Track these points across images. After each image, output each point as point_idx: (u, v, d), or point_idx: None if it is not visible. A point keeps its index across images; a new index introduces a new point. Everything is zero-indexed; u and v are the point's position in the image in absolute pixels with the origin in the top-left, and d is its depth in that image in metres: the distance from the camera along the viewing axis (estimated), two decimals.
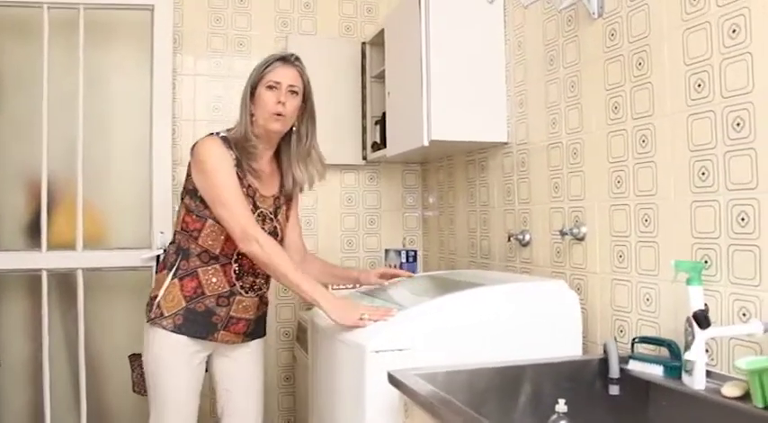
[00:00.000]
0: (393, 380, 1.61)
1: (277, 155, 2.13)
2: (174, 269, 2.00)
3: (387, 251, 3.26)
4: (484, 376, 1.67)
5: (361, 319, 1.77)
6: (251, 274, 2.04)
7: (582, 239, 2.06)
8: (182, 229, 2.04)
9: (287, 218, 2.18)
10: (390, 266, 3.17)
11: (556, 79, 2.20)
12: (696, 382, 1.49)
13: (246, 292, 2.05)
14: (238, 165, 1.98)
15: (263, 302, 2.15)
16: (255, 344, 2.18)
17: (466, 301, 1.86)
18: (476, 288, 1.93)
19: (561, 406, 1.48)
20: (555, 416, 1.50)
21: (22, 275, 2.96)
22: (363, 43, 3.26)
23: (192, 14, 3.18)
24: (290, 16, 3.32)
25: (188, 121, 3.13)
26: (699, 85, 1.60)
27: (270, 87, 1.99)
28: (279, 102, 1.97)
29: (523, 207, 2.42)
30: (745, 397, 1.37)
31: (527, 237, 2.37)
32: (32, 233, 2.96)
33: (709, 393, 1.45)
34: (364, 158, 3.27)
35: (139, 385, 2.71)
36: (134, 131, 3.05)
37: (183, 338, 1.98)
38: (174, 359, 1.99)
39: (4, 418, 2.95)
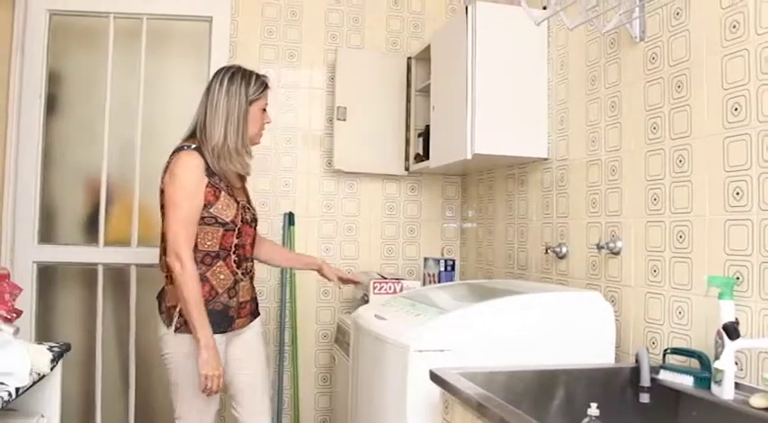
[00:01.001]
0: (435, 378, 1.71)
1: None
2: None
3: (426, 259, 3.36)
4: (521, 378, 1.76)
5: (206, 377, 2.04)
6: (245, 259, 2.26)
7: (618, 253, 2.14)
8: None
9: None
10: (429, 275, 3.27)
11: (597, 99, 2.28)
12: (725, 392, 1.56)
13: (244, 277, 2.25)
14: (210, 172, 2.15)
15: (252, 282, 2.35)
16: (257, 325, 2.39)
17: (505, 307, 1.96)
18: (514, 295, 2.02)
19: (593, 410, 1.57)
20: (587, 419, 1.59)
21: (80, 268, 3.13)
22: (409, 58, 3.38)
23: (247, 26, 3.34)
24: (339, 30, 3.45)
25: None
26: (735, 109, 1.68)
27: (264, 110, 2.31)
28: (267, 122, 2.34)
29: (561, 221, 2.51)
30: None
31: (564, 249, 2.45)
32: (90, 229, 3.13)
33: (737, 404, 1.52)
34: (406, 169, 3.38)
35: None
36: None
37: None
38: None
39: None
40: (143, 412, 3.11)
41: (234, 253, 2.21)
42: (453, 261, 3.20)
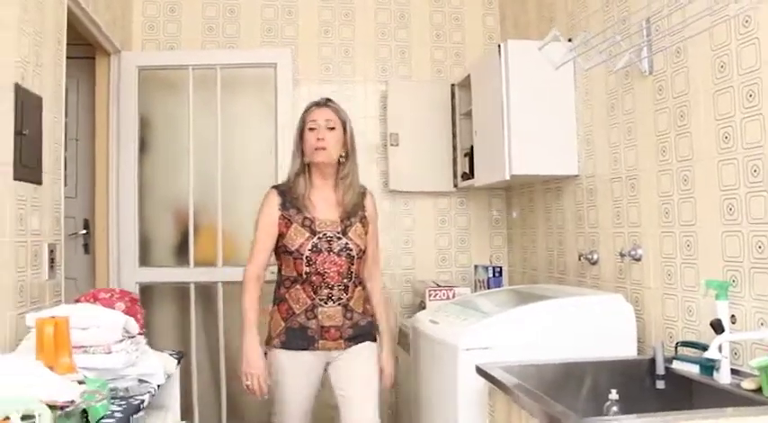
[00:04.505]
0: (480, 371, 2.07)
1: None
2: (274, 299, 2.47)
3: (476, 267, 3.71)
4: (551, 370, 2.10)
5: (246, 378, 2.35)
6: (325, 286, 2.36)
7: (639, 260, 2.46)
8: (277, 268, 2.50)
9: (365, 234, 2.48)
10: (479, 281, 3.62)
11: (616, 124, 2.60)
12: (722, 377, 1.87)
13: (326, 303, 2.37)
14: (284, 205, 2.41)
15: (348, 310, 2.40)
16: (365, 350, 2.45)
17: (539, 310, 2.32)
18: (548, 300, 2.37)
19: (613, 394, 1.92)
20: (608, 402, 1.93)
21: (174, 286, 3.61)
22: (453, 85, 3.74)
23: (306, 65, 3.76)
24: (388, 63, 3.85)
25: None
26: (726, 137, 1.99)
27: (311, 129, 2.41)
28: (318, 138, 2.38)
29: (592, 231, 2.83)
30: (760, 390, 1.74)
31: (595, 256, 2.77)
32: (181, 252, 3.61)
33: (732, 387, 1.83)
34: (455, 186, 3.74)
35: None
36: (262, 167, 3.63)
37: (291, 352, 2.37)
38: (290, 370, 2.37)
39: None
40: (233, 409, 3.56)
41: (307, 281, 2.36)
42: (500, 268, 3.54)
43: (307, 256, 2.35)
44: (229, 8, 3.75)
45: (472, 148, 3.46)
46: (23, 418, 0.83)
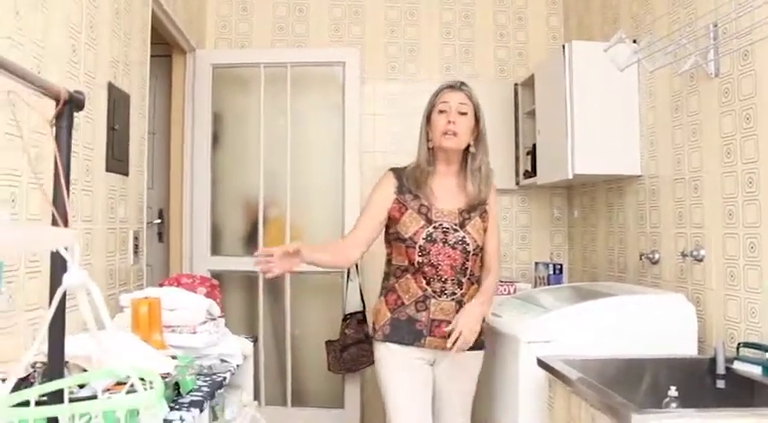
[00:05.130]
0: (541, 363, 2.14)
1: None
2: (380, 289, 2.34)
3: (536, 264, 3.76)
4: (612, 365, 2.15)
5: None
6: (437, 279, 2.20)
7: (701, 261, 2.47)
8: (385, 258, 2.36)
9: (484, 229, 2.31)
10: (539, 277, 3.67)
11: (680, 125, 2.62)
12: None
13: (440, 296, 2.21)
14: (400, 189, 2.27)
15: (462, 307, 2.21)
16: (471, 363, 2.31)
17: (599, 307, 2.36)
18: (608, 297, 2.42)
19: (672, 391, 1.95)
20: (667, 399, 1.97)
21: (243, 275, 3.77)
22: (516, 84, 3.79)
23: (372, 64, 3.87)
24: (452, 62, 3.92)
25: (370, 153, 3.80)
26: None
27: (441, 111, 2.25)
28: (449, 121, 2.22)
29: (654, 231, 2.85)
30: None
31: (656, 256, 2.79)
32: (250, 242, 3.77)
33: None
34: (517, 184, 3.79)
35: (333, 365, 3.43)
36: (329, 161, 3.76)
37: (394, 346, 2.22)
38: (392, 365, 2.23)
39: None
40: (298, 394, 3.70)
41: (419, 271, 2.21)
42: (561, 265, 3.58)
43: (420, 246, 2.20)
44: (299, 7, 3.88)
45: (534, 146, 3.51)
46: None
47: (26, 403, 0.94)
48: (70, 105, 1.17)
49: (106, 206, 2.26)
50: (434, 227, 2.22)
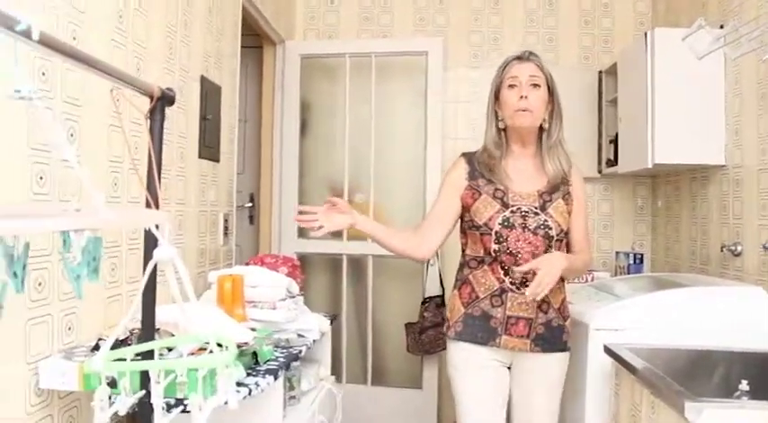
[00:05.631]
0: (608, 351, 2.16)
1: None
2: (454, 282, 2.18)
3: (617, 253, 3.73)
4: (682, 356, 2.14)
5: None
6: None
7: None
8: (461, 248, 2.20)
9: (568, 213, 2.10)
10: (620, 267, 3.64)
11: (767, 113, 2.55)
12: None
13: (519, 288, 2.03)
14: (472, 175, 2.11)
15: (544, 302, 2.05)
16: (556, 369, 2.11)
17: (672, 297, 2.36)
18: (682, 287, 2.41)
19: (744, 385, 1.94)
20: (738, 392, 1.96)
21: (329, 257, 3.94)
22: (600, 72, 3.75)
23: (456, 52, 3.92)
24: (536, 50, 3.89)
25: (452, 140, 3.87)
26: None
27: (511, 86, 2.04)
28: (521, 97, 2.01)
29: (737, 222, 2.79)
30: None
31: (739, 248, 2.73)
32: None
33: None
34: (599, 172, 3.76)
35: (412, 347, 3.55)
36: (411, 148, 3.85)
37: (467, 345, 2.06)
38: (463, 367, 2.08)
39: None
40: (378, 372, 3.85)
41: (496, 259, 2.05)
42: (641, 255, 3.54)
43: (496, 232, 2.02)
44: None
45: (617, 135, 3.47)
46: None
47: (123, 360, 1.10)
48: (162, 101, 1.32)
49: (198, 190, 2.45)
50: (512, 211, 2.04)
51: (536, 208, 2.05)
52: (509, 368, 2.11)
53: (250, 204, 4.16)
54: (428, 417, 3.65)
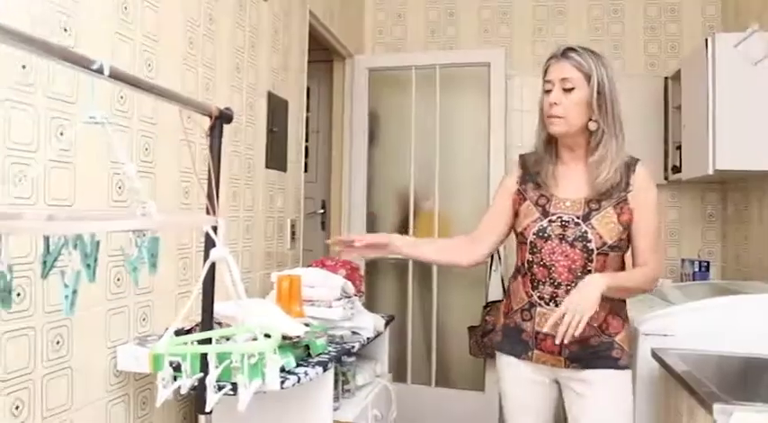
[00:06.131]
0: (654, 355, 2.20)
1: None
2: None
3: (683, 260, 3.70)
4: (731, 363, 2.15)
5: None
6: (548, 283, 1.87)
7: None
8: None
9: (621, 224, 1.86)
10: (685, 274, 3.60)
11: None
12: None
13: (547, 304, 1.87)
14: (523, 178, 2.00)
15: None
16: (604, 380, 1.88)
17: (724, 304, 2.37)
18: (737, 295, 2.40)
19: None
20: None
21: (395, 261, 4.08)
22: (666, 78, 3.73)
23: (520, 61, 3.99)
24: None
25: (516, 148, 3.93)
26: None
27: (547, 91, 1.88)
28: (550, 103, 1.85)
29: None
30: None
31: None
32: (401, 231, 4.06)
33: None
34: (666, 179, 3.74)
35: (474, 350, 3.63)
36: (475, 156, 3.95)
37: (505, 356, 2.00)
38: (506, 378, 2.02)
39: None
40: (442, 373, 3.96)
41: (529, 271, 1.91)
42: (707, 263, 3.50)
43: (531, 242, 1.90)
44: (449, 11, 4.11)
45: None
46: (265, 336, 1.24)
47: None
48: (221, 120, 1.50)
49: (266, 197, 2.65)
50: (550, 220, 1.89)
51: (578, 217, 1.87)
52: (558, 382, 1.98)
53: (322, 211, 4.36)
54: (490, 419, 3.72)
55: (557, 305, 1.81)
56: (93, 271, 1.03)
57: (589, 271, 1.82)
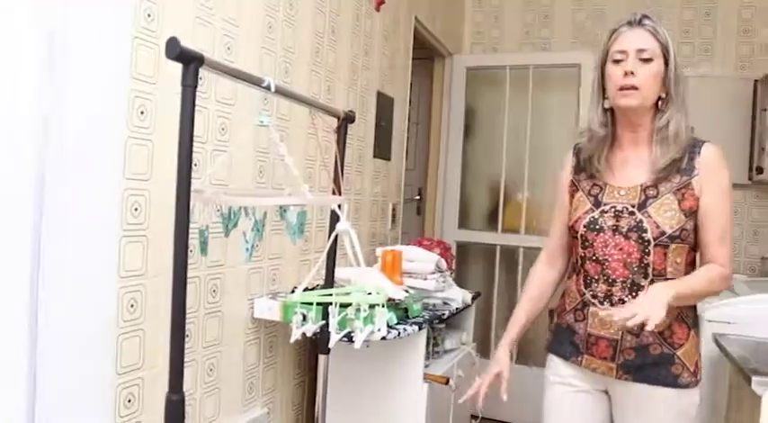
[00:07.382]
0: (715, 340, 2.44)
1: None
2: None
3: (763, 259, 3.83)
4: None
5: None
6: (603, 280, 1.71)
7: None
8: None
9: (684, 211, 1.66)
10: (765, 272, 3.73)
11: None
12: None
13: (601, 303, 1.70)
14: (577, 168, 1.85)
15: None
16: (658, 398, 1.67)
17: None
18: None
19: None
20: None
21: (484, 247, 4.40)
22: (755, 81, 3.85)
23: None
24: (690, 60, 4.08)
25: None
26: None
27: (616, 61, 1.68)
28: (626, 73, 1.64)
29: None
30: None
31: None
32: (491, 220, 4.38)
33: None
34: (750, 179, 3.87)
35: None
36: (563, 152, 4.13)
37: (554, 358, 1.86)
38: (550, 378, 1.87)
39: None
40: (523, 352, 4.25)
41: (582, 267, 1.76)
42: None
43: (582, 235, 1.74)
44: (544, 14, 4.35)
45: None
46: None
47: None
48: (346, 121, 1.88)
49: (372, 183, 3.04)
50: (602, 211, 1.72)
51: (632, 206, 1.69)
52: (606, 394, 1.80)
53: (418, 197, 4.72)
54: None
55: (612, 305, 1.67)
56: (261, 234, 1.44)
57: (646, 265, 1.65)
